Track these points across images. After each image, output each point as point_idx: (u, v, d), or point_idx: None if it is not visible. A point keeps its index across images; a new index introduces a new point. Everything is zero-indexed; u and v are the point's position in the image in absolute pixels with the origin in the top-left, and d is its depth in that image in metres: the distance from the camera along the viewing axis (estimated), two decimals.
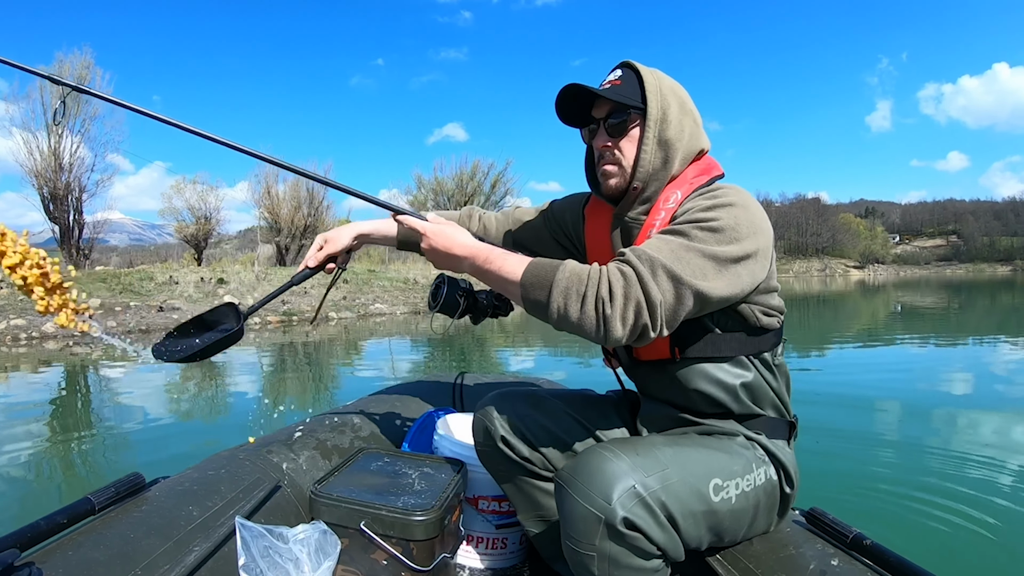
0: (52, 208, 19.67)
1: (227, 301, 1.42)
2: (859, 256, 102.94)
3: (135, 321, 11.78)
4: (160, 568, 1.11)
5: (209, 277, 15.70)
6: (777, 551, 1.17)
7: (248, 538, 1.26)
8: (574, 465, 1.08)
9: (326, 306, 15.21)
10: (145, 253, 55.11)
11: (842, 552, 1.15)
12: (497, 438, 1.35)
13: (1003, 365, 7.03)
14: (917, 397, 5.09)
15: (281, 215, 26.52)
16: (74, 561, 1.06)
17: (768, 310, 1.23)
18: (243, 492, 1.40)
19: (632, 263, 1.04)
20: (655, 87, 1.24)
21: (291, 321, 13.60)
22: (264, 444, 1.65)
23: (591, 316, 1.02)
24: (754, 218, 1.14)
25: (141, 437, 4.32)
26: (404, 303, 17.24)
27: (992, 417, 4.37)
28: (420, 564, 1.38)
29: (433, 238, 1.26)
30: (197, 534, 1.23)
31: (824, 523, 1.23)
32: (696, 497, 1.07)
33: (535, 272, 1.10)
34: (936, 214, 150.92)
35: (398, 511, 1.37)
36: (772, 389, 1.26)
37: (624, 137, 1.27)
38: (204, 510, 1.30)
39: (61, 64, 19.56)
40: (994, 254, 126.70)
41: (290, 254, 26.55)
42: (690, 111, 1.28)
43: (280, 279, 17.14)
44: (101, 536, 1.14)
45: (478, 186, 33.43)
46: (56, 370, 7.48)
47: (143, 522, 1.21)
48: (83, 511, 1.18)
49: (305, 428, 1.78)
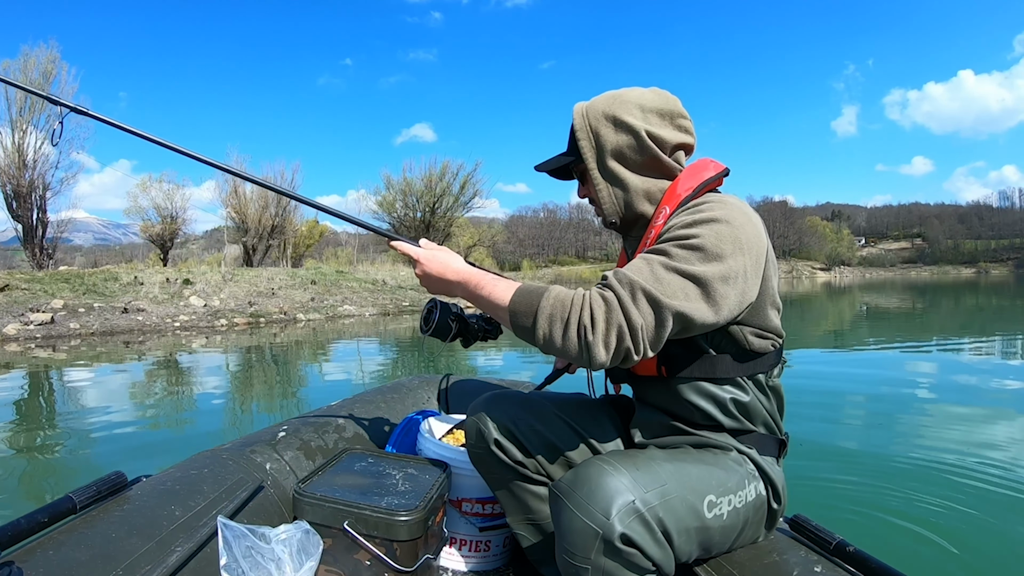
0: (15, 206, 19.17)
1: None
2: (825, 258, 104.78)
3: (99, 323, 11.53)
4: (142, 568, 1.10)
5: (175, 278, 15.43)
6: (761, 558, 1.17)
7: (230, 538, 1.25)
8: (573, 477, 1.07)
9: (293, 307, 15.05)
10: (110, 253, 54.09)
11: (825, 559, 1.16)
12: (490, 441, 1.34)
13: (974, 367, 7.19)
14: (895, 401, 5.14)
15: (248, 215, 26.13)
16: (55, 561, 1.04)
17: (762, 332, 1.20)
18: (226, 492, 1.38)
19: (613, 287, 1.05)
20: (582, 127, 1.28)
21: (259, 323, 13.44)
22: (247, 444, 1.64)
23: (574, 342, 1.04)
24: (739, 233, 1.10)
25: (119, 436, 4.28)
26: (373, 304, 17.13)
27: (970, 420, 4.45)
28: (403, 565, 1.38)
29: (427, 264, 1.29)
30: (179, 534, 1.22)
31: (807, 530, 1.24)
32: (691, 513, 1.07)
33: (521, 299, 1.12)
34: (901, 217, 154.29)
35: (382, 511, 1.37)
36: (765, 409, 1.26)
37: (588, 183, 1.33)
38: (186, 510, 1.29)
39: (27, 58, 19.11)
40: (958, 257, 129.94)
41: (257, 254, 26.17)
42: (626, 123, 1.25)
43: (248, 279, 16.93)
44: (83, 535, 1.13)
45: (447, 187, 33.39)
46: (19, 372, 7.29)
47: (125, 521, 1.20)
48: (64, 510, 1.17)
49: (289, 428, 1.77)
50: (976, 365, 7.29)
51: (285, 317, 14.38)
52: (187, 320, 12.76)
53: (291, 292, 16.66)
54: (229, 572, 1.21)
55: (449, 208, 34.03)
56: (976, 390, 5.62)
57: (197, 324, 12.68)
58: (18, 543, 1.06)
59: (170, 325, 12.29)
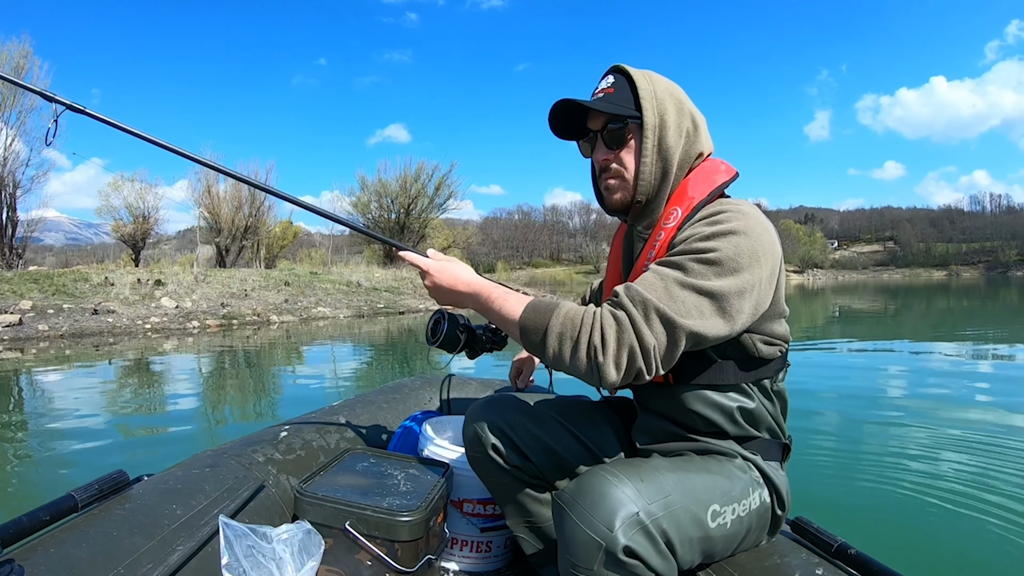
0: None
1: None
2: (799, 261, 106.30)
3: (68, 325, 11.26)
4: (143, 566, 1.09)
5: (146, 278, 15.15)
6: (762, 560, 1.17)
7: (231, 537, 1.23)
8: (576, 488, 1.04)
9: (267, 309, 14.88)
10: (82, 253, 52.99)
11: (827, 562, 1.16)
12: (488, 446, 1.33)
13: (970, 367, 7.32)
14: (894, 403, 5.17)
15: (221, 215, 25.79)
16: (57, 558, 1.04)
17: (771, 339, 1.19)
18: (227, 491, 1.37)
19: (625, 307, 1.03)
20: (649, 91, 1.20)
21: (231, 325, 13.25)
22: (249, 443, 1.63)
23: (583, 362, 1.02)
24: (756, 245, 1.08)
25: (116, 435, 4.27)
26: (347, 306, 16.96)
27: (969, 421, 4.48)
28: (404, 565, 1.38)
29: (437, 275, 1.25)
30: (180, 533, 1.21)
31: (809, 532, 1.24)
32: (695, 524, 1.05)
33: (532, 315, 1.10)
34: (873, 221, 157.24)
35: (383, 511, 1.37)
36: (769, 414, 1.24)
37: (623, 148, 1.23)
38: (188, 509, 1.28)
39: None
40: (930, 259, 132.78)
41: (230, 255, 25.83)
42: (688, 112, 1.24)
43: (220, 281, 16.70)
44: (84, 534, 1.12)
45: (422, 188, 33.38)
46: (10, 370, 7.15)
47: (126, 520, 1.19)
48: (66, 508, 1.16)
49: (291, 428, 1.75)
50: (972, 365, 7.41)
51: (258, 319, 14.15)
52: (158, 322, 12.50)
53: (264, 293, 16.45)
54: (230, 571, 1.20)
55: (424, 209, 33.98)
56: (975, 390, 5.68)
57: (168, 326, 12.43)
58: (20, 541, 1.06)
59: (141, 327, 12.04)
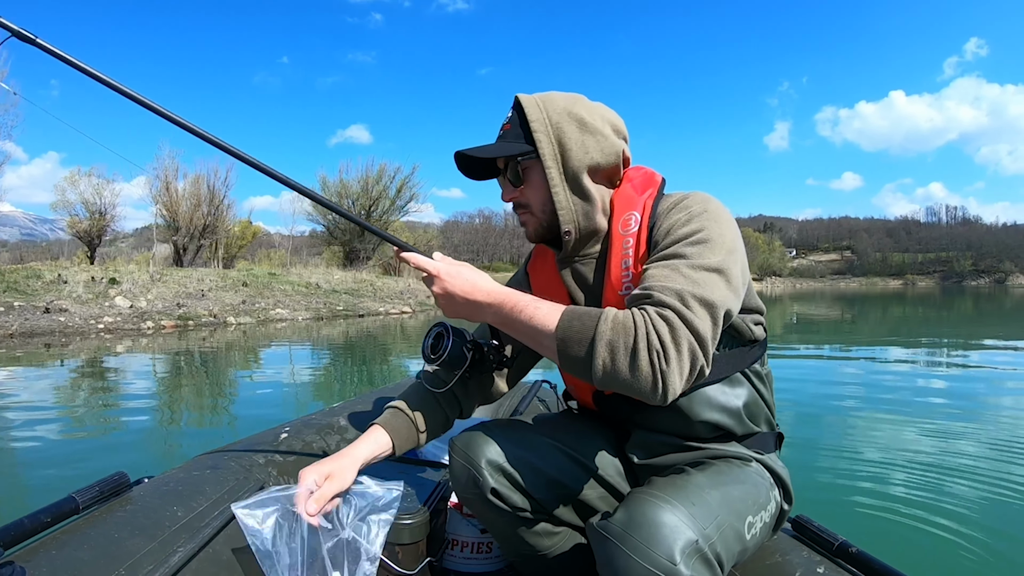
0: None
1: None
2: (758, 269, 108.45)
3: (18, 324, 10.86)
4: (144, 568, 1.07)
5: (100, 277, 14.70)
6: (764, 559, 1.17)
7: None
8: (626, 518, 0.94)
9: (224, 310, 14.59)
10: (37, 250, 51.36)
11: (828, 560, 1.16)
12: (486, 490, 1.19)
13: (963, 366, 7.62)
14: (891, 402, 5.28)
15: (180, 213, 25.03)
16: (58, 560, 1.02)
17: (757, 317, 1.20)
18: (228, 493, 1.35)
19: (664, 302, 0.95)
20: (542, 120, 1.15)
21: (187, 326, 12.92)
22: (250, 445, 1.60)
23: (646, 372, 0.91)
24: (729, 218, 1.11)
25: (123, 436, 4.24)
26: (306, 308, 16.68)
27: (967, 419, 4.59)
28: (405, 568, 1.38)
29: (449, 281, 1.11)
30: (181, 534, 1.19)
31: (810, 531, 1.24)
32: (737, 539, 1.01)
33: (572, 323, 0.98)
34: (831, 230, 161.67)
35: None
36: (765, 402, 1.24)
37: (528, 183, 1.20)
38: (189, 510, 1.25)
39: None
40: (886, 269, 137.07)
41: (188, 254, 25.18)
42: (591, 126, 1.17)
43: (177, 280, 16.31)
44: (85, 535, 1.10)
45: (383, 190, 33.05)
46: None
47: (128, 522, 1.17)
48: (67, 510, 1.14)
49: (291, 429, 1.73)
50: (964, 364, 7.68)
51: (215, 320, 13.79)
52: (112, 322, 12.11)
53: (222, 294, 16.09)
54: None
55: (386, 212, 33.70)
56: (972, 389, 5.82)
57: (122, 326, 12.03)
58: (21, 543, 1.04)
59: (93, 327, 11.65)
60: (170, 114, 1.04)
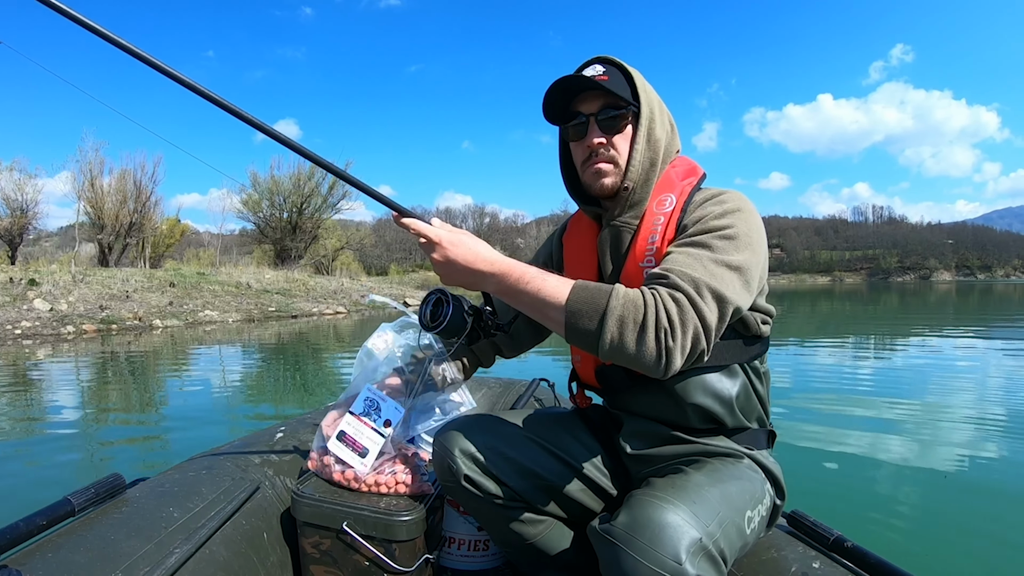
0: None
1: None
2: None
3: None
4: (141, 570, 1.08)
5: (19, 278, 14.05)
6: (759, 554, 1.17)
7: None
8: (628, 520, 0.94)
9: (149, 312, 14.02)
10: None
11: (823, 554, 1.16)
12: (460, 477, 1.26)
13: (954, 361, 7.70)
14: (883, 395, 5.34)
15: (105, 210, 24.08)
16: (54, 563, 1.03)
17: (766, 316, 1.22)
18: (224, 493, 1.36)
19: (679, 286, 0.99)
20: (643, 84, 1.24)
21: (110, 330, 12.38)
22: (245, 445, 1.62)
23: (651, 348, 0.95)
24: (759, 222, 1.15)
25: (114, 437, 4.28)
26: (237, 309, 16.20)
27: (963, 416, 4.58)
28: (402, 565, 1.37)
29: (451, 249, 1.09)
30: (177, 536, 1.20)
31: (805, 525, 1.24)
32: (739, 534, 1.02)
33: (583, 296, 1.00)
34: None
35: (381, 512, 1.35)
36: (759, 398, 1.25)
37: (618, 134, 1.24)
38: (185, 511, 1.26)
39: None
40: (814, 266, 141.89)
41: (113, 254, 24.18)
42: (667, 112, 1.29)
43: (100, 281, 15.65)
44: (81, 538, 1.11)
45: (315, 187, 32.65)
46: None
47: (123, 524, 1.18)
48: (63, 513, 1.15)
49: (286, 429, 1.74)
50: (956, 360, 7.75)
51: (140, 324, 13.20)
52: (29, 327, 11.53)
53: (147, 295, 15.51)
54: None
55: (318, 209, 33.28)
56: (971, 388, 5.81)
57: (41, 331, 11.49)
58: (16, 546, 1.04)
59: (10, 333, 11.09)
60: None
